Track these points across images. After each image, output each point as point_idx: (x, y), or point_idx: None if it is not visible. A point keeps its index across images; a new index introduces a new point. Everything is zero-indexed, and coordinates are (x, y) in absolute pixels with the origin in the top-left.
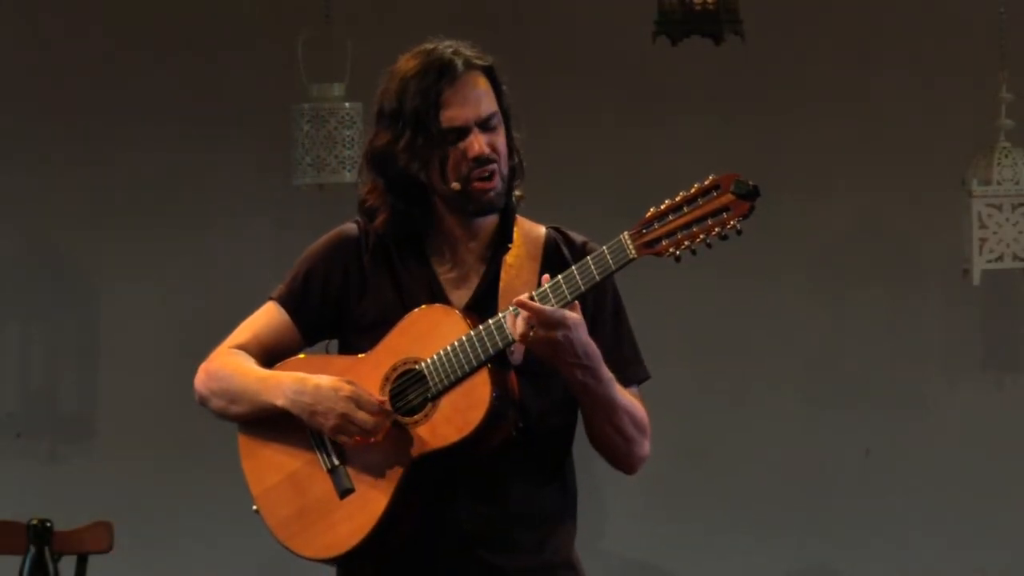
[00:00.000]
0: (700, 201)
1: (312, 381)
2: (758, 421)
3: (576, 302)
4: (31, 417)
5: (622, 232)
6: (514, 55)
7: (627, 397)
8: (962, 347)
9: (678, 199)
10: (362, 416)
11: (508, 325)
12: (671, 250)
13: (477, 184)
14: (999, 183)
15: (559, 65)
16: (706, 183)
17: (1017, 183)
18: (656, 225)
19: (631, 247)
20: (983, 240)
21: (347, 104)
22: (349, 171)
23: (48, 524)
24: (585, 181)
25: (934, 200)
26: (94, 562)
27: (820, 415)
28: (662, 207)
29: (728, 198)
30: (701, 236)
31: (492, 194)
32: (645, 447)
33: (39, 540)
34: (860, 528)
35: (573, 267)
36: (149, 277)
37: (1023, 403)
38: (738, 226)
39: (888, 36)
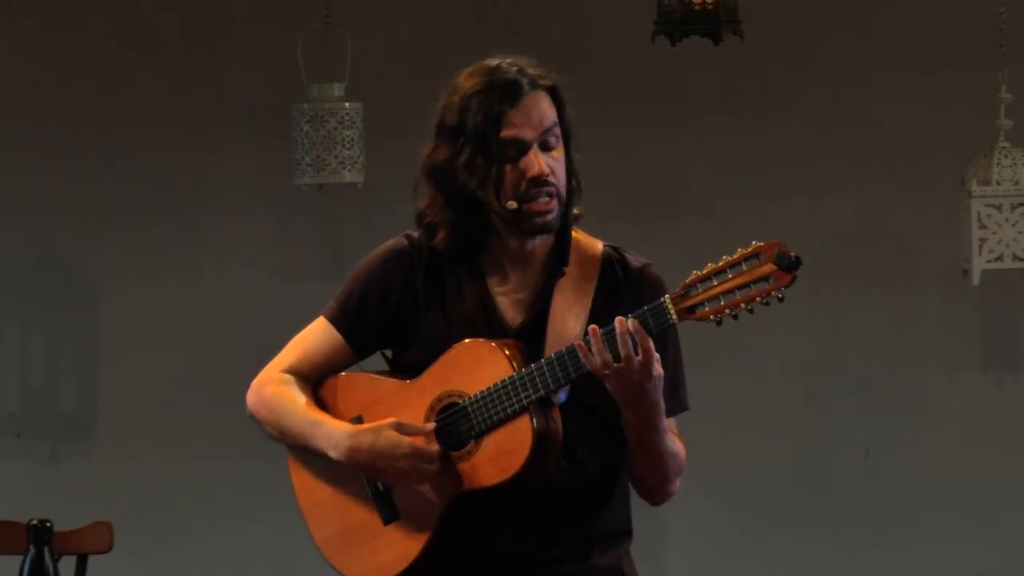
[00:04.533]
0: (743, 267)
1: (367, 438)
2: (758, 421)
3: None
4: (31, 417)
5: (664, 295)
6: (514, 55)
7: (675, 443)
8: (962, 347)
9: (721, 264)
10: (424, 467)
11: (583, 357)
12: (712, 316)
13: (534, 205)
14: (999, 183)
15: (559, 65)
16: (748, 250)
17: (1017, 183)
18: (699, 288)
19: (672, 311)
20: (983, 240)
21: (347, 104)
22: (349, 171)
23: (48, 524)
24: (585, 181)
25: (934, 200)
26: (94, 562)
27: (820, 415)
28: (704, 271)
29: (769, 268)
30: (743, 305)
31: (550, 216)
32: (677, 484)
33: (39, 540)
34: (860, 528)
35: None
36: (149, 277)
37: (1023, 403)
38: (779, 295)
39: (888, 36)
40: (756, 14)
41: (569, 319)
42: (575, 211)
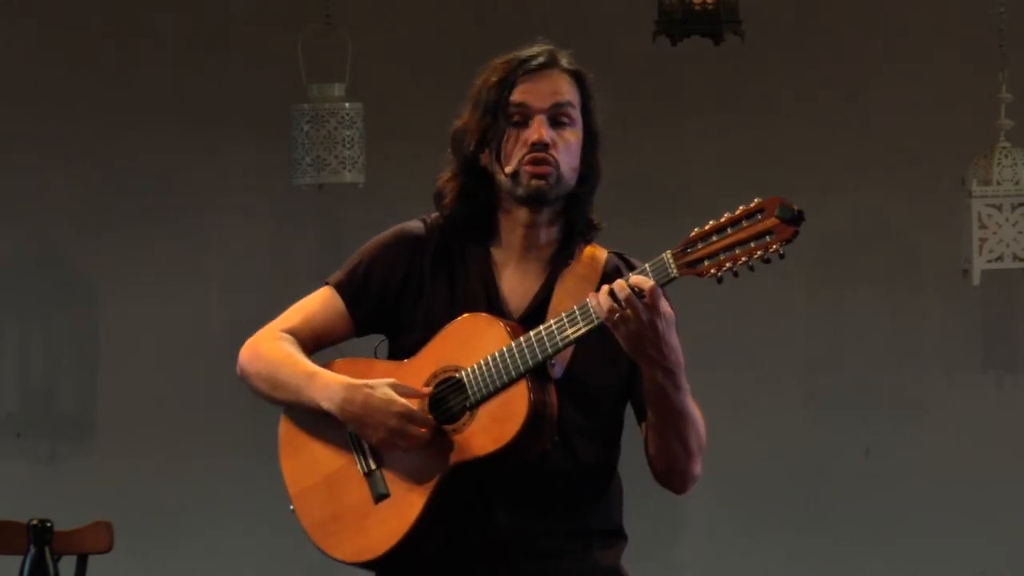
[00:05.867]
0: (745, 223)
1: (362, 391)
2: (758, 421)
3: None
4: (31, 417)
5: (665, 251)
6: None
7: (697, 410)
8: (962, 347)
9: (723, 220)
10: (414, 431)
11: (592, 306)
12: (712, 271)
13: (528, 168)
14: (999, 183)
15: None
16: (751, 205)
17: (1017, 183)
18: (700, 245)
19: (673, 266)
20: (983, 240)
21: (347, 104)
22: (349, 171)
23: (48, 524)
24: None
25: (934, 200)
26: (94, 562)
27: (820, 415)
28: (706, 227)
29: (772, 222)
30: (743, 259)
31: (543, 182)
32: (699, 465)
33: (39, 540)
34: (860, 528)
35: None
36: (149, 277)
37: (1023, 403)
38: (781, 250)
39: (888, 36)
40: (756, 14)
41: (568, 308)
42: (595, 221)
